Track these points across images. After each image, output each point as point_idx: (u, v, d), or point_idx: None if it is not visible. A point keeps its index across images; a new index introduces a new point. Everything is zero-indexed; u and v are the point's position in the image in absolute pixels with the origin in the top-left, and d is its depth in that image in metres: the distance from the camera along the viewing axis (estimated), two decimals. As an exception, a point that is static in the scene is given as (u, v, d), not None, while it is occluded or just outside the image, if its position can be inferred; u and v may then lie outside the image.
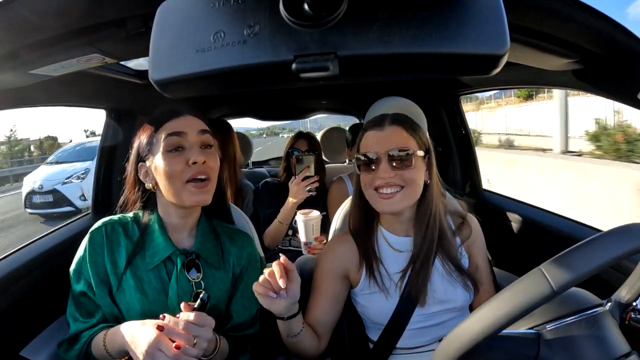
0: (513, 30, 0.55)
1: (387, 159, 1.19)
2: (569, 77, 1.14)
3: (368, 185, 1.22)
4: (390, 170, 1.18)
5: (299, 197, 2.15)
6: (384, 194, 1.19)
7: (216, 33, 0.54)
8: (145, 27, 0.85)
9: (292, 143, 2.51)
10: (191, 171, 1.12)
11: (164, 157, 1.11)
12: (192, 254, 1.20)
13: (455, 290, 1.25)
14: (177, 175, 1.11)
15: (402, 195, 1.19)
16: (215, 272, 1.22)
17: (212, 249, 1.23)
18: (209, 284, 1.20)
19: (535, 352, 0.74)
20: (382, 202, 1.20)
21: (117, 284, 1.14)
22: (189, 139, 1.14)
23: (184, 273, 1.17)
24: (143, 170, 1.17)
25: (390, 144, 1.20)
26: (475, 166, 2.39)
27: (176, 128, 1.13)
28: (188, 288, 1.17)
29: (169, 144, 1.12)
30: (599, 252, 0.67)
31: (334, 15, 0.51)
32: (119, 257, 1.16)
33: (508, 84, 1.85)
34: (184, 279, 1.17)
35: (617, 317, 0.78)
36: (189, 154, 1.12)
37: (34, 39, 0.88)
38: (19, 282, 1.32)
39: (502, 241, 1.91)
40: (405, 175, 1.19)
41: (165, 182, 1.12)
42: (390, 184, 1.19)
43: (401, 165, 1.19)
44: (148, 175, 1.17)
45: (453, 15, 0.51)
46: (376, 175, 1.19)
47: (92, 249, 1.15)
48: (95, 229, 1.18)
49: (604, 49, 0.93)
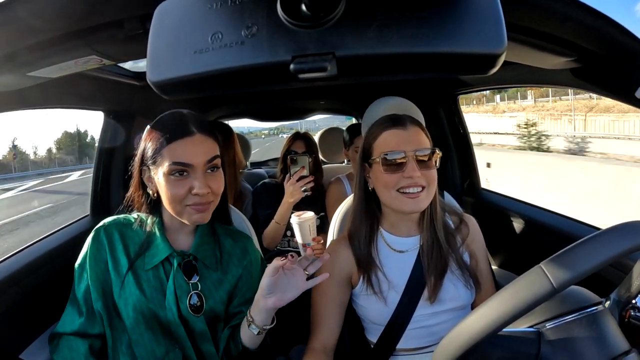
0: (510, 29, 0.55)
1: (414, 159, 1.18)
2: (567, 76, 1.15)
3: (392, 185, 1.20)
4: (417, 170, 1.17)
5: (294, 197, 2.16)
6: (411, 194, 1.18)
7: (214, 34, 0.54)
8: (143, 29, 0.85)
9: (289, 144, 2.52)
10: (193, 199, 1.11)
11: (167, 180, 1.10)
12: (189, 255, 1.20)
13: (458, 289, 1.26)
14: (179, 200, 1.11)
15: (425, 194, 1.19)
16: (212, 274, 1.22)
17: (210, 252, 1.24)
18: (206, 286, 1.20)
19: (536, 350, 0.74)
20: (408, 202, 1.19)
21: (119, 281, 1.15)
22: (195, 168, 1.11)
23: (180, 274, 1.17)
24: (146, 174, 1.16)
25: (416, 144, 1.20)
26: (473, 165, 2.40)
27: (184, 156, 1.09)
28: (186, 289, 1.17)
29: (173, 169, 1.09)
30: (599, 250, 0.67)
31: (331, 16, 0.51)
32: (122, 256, 1.17)
33: (506, 83, 1.86)
34: (181, 280, 1.17)
35: (617, 315, 0.79)
36: (194, 182, 1.10)
37: (32, 40, 0.88)
38: (18, 284, 1.32)
39: (501, 240, 1.92)
40: (429, 175, 1.19)
41: (166, 200, 1.13)
42: (417, 183, 1.18)
43: (426, 165, 1.19)
44: (151, 182, 1.16)
45: (451, 15, 0.51)
46: (403, 175, 1.18)
47: (95, 246, 1.18)
48: (99, 227, 1.20)
49: (602, 48, 0.94)
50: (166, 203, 1.13)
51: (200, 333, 1.18)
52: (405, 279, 1.26)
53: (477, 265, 1.34)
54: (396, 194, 1.20)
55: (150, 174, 1.14)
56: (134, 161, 1.19)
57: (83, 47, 0.93)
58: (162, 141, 1.10)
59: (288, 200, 2.17)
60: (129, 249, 1.18)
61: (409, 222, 1.31)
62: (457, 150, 2.42)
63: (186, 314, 1.16)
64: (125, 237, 1.20)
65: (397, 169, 1.19)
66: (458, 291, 1.26)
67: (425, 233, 1.28)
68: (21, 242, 1.30)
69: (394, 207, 1.23)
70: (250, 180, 2.88)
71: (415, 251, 1.29)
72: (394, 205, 1.23)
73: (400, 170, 1.19)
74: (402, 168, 1.19)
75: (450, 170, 2.44)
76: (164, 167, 1.09)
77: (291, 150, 2.47)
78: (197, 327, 1.17)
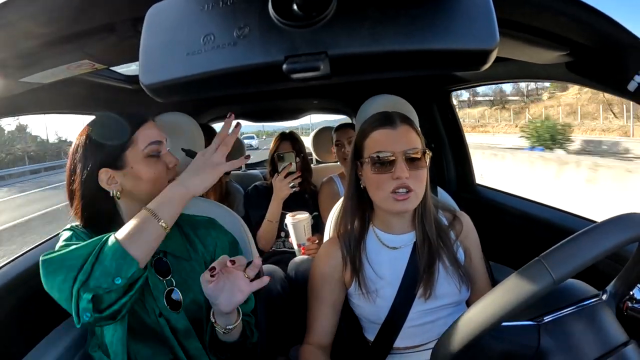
0: (502, 25, 0.55)
1: (403, 159, 1.18)
2: (560, 70, 1.15)
3: (382, 186, 1.20)
4: (407, 170, 1.17)
5: (283, 193, 2.19)
6: (400, 195, 1.17)
7: (206, 35, 0.54)
8: (134, 32, 0.85)
9: (276, 145, 2.52)
10: (172, 173, 1.16)
11: (147, 163, 1.12)
12: (158, 252, 1.17)
13: (452, 285, 1.26)
14: (163, 178, 1.13)
15: (414, 195, 1.19)
16: (185, 265, 1.20)
17: (179, 241, 1.21)
18: (182, 279, 1.18)
19: (535, 342, 0.74)
20: (398, 204, 1.18)
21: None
22: (163, 145, 1.16)
23: (152, 272, 1.15)
24: (106, 176, 1.10)
25: (406, 143, 1.19)
26: (468, 161, 2.40)
27: (154, 136, 1.14)
28: (161, 288, 1.15)
29: (151, 150, 1.12)
30: (597, 242, 0.68)
31: (323, 15, 0.51)
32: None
33: (499, 79, 1.86)
34: (155, 280, 1.15)
35: (614, 307, 0.79)
36: (166, 158, 1.16)
37: (24, 46, 0.88)
38: (17, 290, 1.31)
39: (497, 235, 1.92)
40: (418, 175, 1.19)
41: (148, 186, 1.12)
42: (405, 184, 1.17)
43: (415, 165, 1.19)
44: (114, 182, 1.11)
45: (442, 12, 0.51)
46: (392, 176, 1.17)
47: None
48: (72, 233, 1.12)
49: (594, 42, 0.94)
50: (146, 188, 1.12)
51: (184, 330, 1.16)
52: (400, 275, 1.26)
53: (471, 261, 1.34)
54: (387, 195, 1.19)
55: (111, 173, 1.11)
56: (76, 172, 1.13)
57: (75, 51, 0.93)
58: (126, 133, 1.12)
59: (277, 196, 2.20)
60: None
61: (402, 220, 1.31)
62: (451, 146, 2.43)
63: (166, 313, 1.14)
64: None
65: (386, 169, 1.19)
66: (452, 287, 1.26)
67: (417, 230, 1.28)
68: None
69: (383, 207, 1.24)
70: (245, 182, 2.88)
71: (409, 248, 1.29)
72: (383, 205, 1.23)
73: (389, 170, 1.18)
74: (391, 168, 1.18)
75: (445, 166, 2.44)
76: (138, 153, 1.11)
77: (278, 151, 2.48)
78: (180, 324, 1.15)
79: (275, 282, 1.89)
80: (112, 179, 1.11)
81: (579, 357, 0.71)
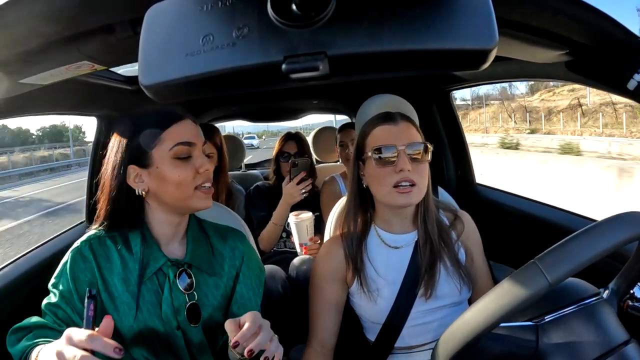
0: (501, 24, 0.55)
1: (405, 152, 1.19)
2: (559, 69, 1.15)
3: (384, 181, 1.20)
4: (409, 163, 1.18)
5: (293, 200, 2.18)
6: (402, 188, 1.18)
7: (205, 36, 0.54)
8: (133, 33, 0.85)
9: (281, 145, 2.51)
10: (201, 179, 1.10)
11: (174, 164, 1.07)
12: (184, 264, 1.14)
13: (453, 285, 1.26)
14: (189, 182, 1.08)
15: (418, 189, 1.19)
16: (208, 279, 1.16)
17: (204, 255, 1.18)
18: (203, 293, 1.14)
19: (534, 343, 0.74)
20: (400, 197, 1.19)
21: (111, 302, 1.08)
22: (196, 147, 1.11)
23: (176, 284, 1.11)
24: (134, 173, 1.08)
25: (407, 138, 1.20)
26: (467, 160, 2.40)
27: (184, 137, 1.09)
28: (183, 300, 1.11)
29: (179, 151, 1.08)
30: (594, 243, 0.67)
31: (322, 15, 0.51)
32: (110, 275, 1.09)
33: (499, 78, 1.86)
34: (177, 291, 1.11)
35: (615, 306, 0.79)
36: (197, 161, 1.10)
37: (22, 47, 0.88)
38: (13, 295, 1.31)
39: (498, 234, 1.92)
40: (420, 169, 1.20)
41: (172, 188, 1.08)
42: (408, 178, 1.17)
43: (418, 159, 1.20)
44: (141, 180, 1.09)
45: (441, 11, 0.51)
46: (395, 169, 1.18)
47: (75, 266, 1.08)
48: (80, 247, 1.11)
49: (593, 40, 0.94)
50: (172, 191, 1.08)
51: (199, 344, 1.13)
52: (401, 275, 1.26)
53: (472, 261, 1.34)
54: (389, 189, 1.20)
55: (138, 171, 1.08)
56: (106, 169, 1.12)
57: (74, 53, 0.92)
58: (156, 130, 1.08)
59: (287, 202, 2.18)
60: (118, 263, 1.10)
61: (403, 219, 1.31)
62: (451, 146, 2.43)
63: (184, 325, 1.10)
64: (111, 251, 1.11)
65: (388, 163, 1.20)
66: (453, 287, 1.26)
67: (419, 230, 1.28)
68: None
69: (386, 202, 1.24)
70: (245, 182, 2.87)
71: (411, 247, 1.29)
72: (386, 200, 1.23)
73: (391, 164, 1.19)
74: (393, 162, 1.19)
75: (445, 166, 2.45)
76: (166, 153, 1.07)
77: (283, 151, 2.47)
78: (196, 338, 1.12)
79: (276, 283, 1.89)
80: (139, 177, 1.09)
81: (579, 357, 0.71)
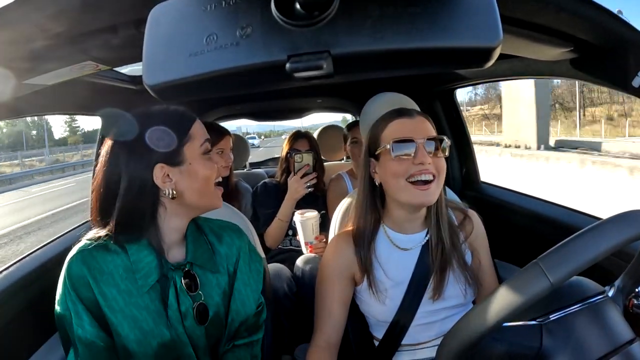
0: (505, 22, 0.55)
1: (424, 146, 1.15)
2: (564, 67, 1.14)
3: (402, 174, 1.15)
4: (428, 157, 1.14)
5: (298, 193, 2.19)
6: (421, 185, 1.14)
7: (209, 36, 0.54)
8: (137, 33, 0.85)
9: (291, 143, 2.51)
10: (216, 175, 1.10)
11: (202, 161, 1.06)
12: (185, 264, 1.09)
13: (460, 286, 1.25)
14: (211, 179, 1.08)
15: (436, 185, 1.16)
16: (211, 277, 1.13)
17: (206, 253, 1.14)
18: (207, 293, 1.11)
19: (538, 342, 0.74)
20: (418, 194, 1.14)
21: (114, 317, 1.00)
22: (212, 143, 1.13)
23: (182, 288, 1.06)
24: (162, 172, 1.01)
25: (425, 131, 1.17)
26: (472, 159, 2.40)
27: (205, 134, 1.09)
28: (189, 303, 1.07)
29: (206, 148, 1.07)
30: (596, 242, 0.67)
31: (325, 14, 0.51)
32: (107, 287, 1.00)
33: (503, 76, 1.85)
34: (183, 295, 1.06)
35: (620, 304, 0.79)
36: (215, 158, 1.12)
37: (27, 48, 0.88)
38: (15, 296, 1.30)
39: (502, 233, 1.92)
40: (439, 163, 1.16)
41: (201, 185, 1.05)
42: (428, 170, 1.13)
43: (435, 153, 1.16)
44: (168, 179, 1.02)
45: (445, 9, 0.51)
46: (414, 161, 1.14)
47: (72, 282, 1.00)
48: (71, 260, 1.01)
49: (598, 38, 0.94)
50: (199, 188, 1.06)
51: (205, 347, 1.11)
52: (408, 276, 1.25)
53: (479, 262, 1.32)
54: (405, 184, 1.15)
55: (167, 170, 1.02)
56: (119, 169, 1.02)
57: (78, 53, 0.93)
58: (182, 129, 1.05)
59: (292, 197, 2.19)
60: (113, 274, 1.02)
61: (414, 219, 1.28)
62: (455, 144, 2.42)
63: (191, 331, 1.07)
64: (104, 261, 1.02)
65: (407, 156, 1.15)
66: (460, 288, 1.24)
67: (431, 231, 1.26)
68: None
69: (402, 199, 1.19)
70: (250, 181, 2.87)
71: (419, 248, 1.27)
72: (402, 197, 1.18)
73: (409, 157, 1.15)
74: (411, 155, 1.15)
75: (450, 164, 2.43)
76: (195, 151, 1.05)
77: (294, 148, 2.47)
78: (201, 342, 1.09)
79: (282, 281, 1.89)
80: (167, 176, 1.02)
81: (584, 356, 0.71)
